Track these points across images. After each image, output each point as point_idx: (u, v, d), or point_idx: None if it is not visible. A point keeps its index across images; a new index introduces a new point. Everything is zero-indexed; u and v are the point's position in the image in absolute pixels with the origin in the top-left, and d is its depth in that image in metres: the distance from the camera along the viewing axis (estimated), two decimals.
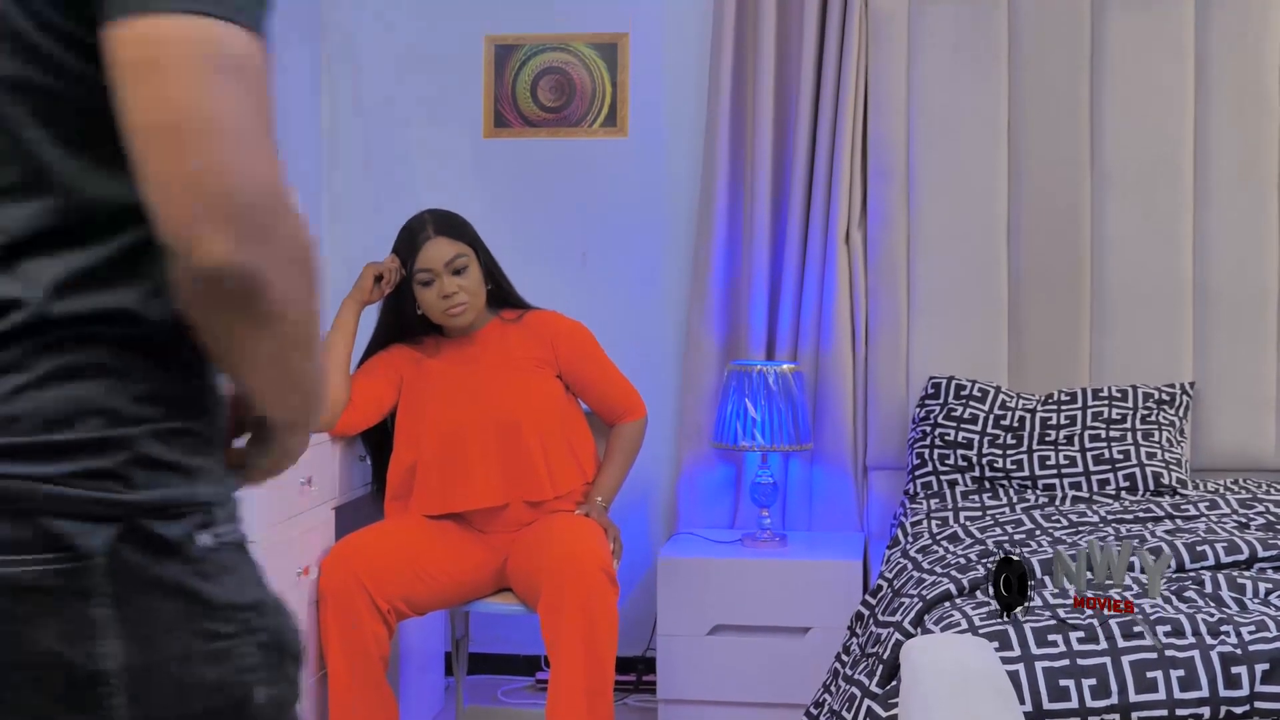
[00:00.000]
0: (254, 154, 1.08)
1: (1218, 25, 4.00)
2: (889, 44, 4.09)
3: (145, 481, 1.13)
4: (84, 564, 1.11)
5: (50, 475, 1.10)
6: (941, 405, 3.94)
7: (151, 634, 1.14)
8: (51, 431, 1.11)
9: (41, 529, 1.10)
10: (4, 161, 1.14)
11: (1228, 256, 4.00)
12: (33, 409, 1.10)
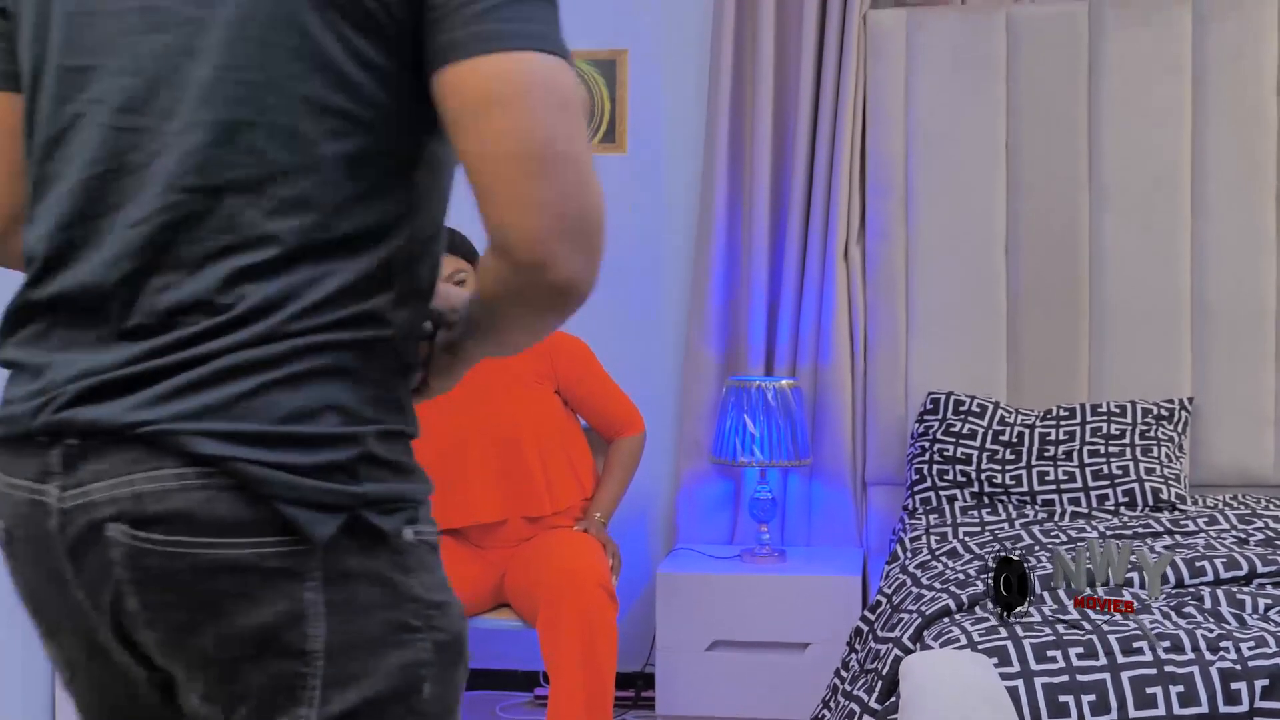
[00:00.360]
0: (591, 179, 1.19)
1: (1215, 41, 4.01)
2: (887, 59, 4.10)
3: (369, 476, 1.22)
4: (306, 549, 1.19)
5: (290, 464, 1.18)
6: (940, 420, 3.94)
7: (351, 618, 1.22)
8: (293, 424, 1.18)
9: (275, 514, 1.17)
10: (294, 175, 1.22)
11: (1226, 272, 4.01)
12: (277, 403, 1.19)
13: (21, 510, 1.24)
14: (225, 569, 1.18)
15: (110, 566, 1.20)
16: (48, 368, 1.24)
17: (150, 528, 1.18)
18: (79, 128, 1.27)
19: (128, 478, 1.18)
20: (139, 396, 1.18)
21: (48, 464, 1.21)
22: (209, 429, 1.17)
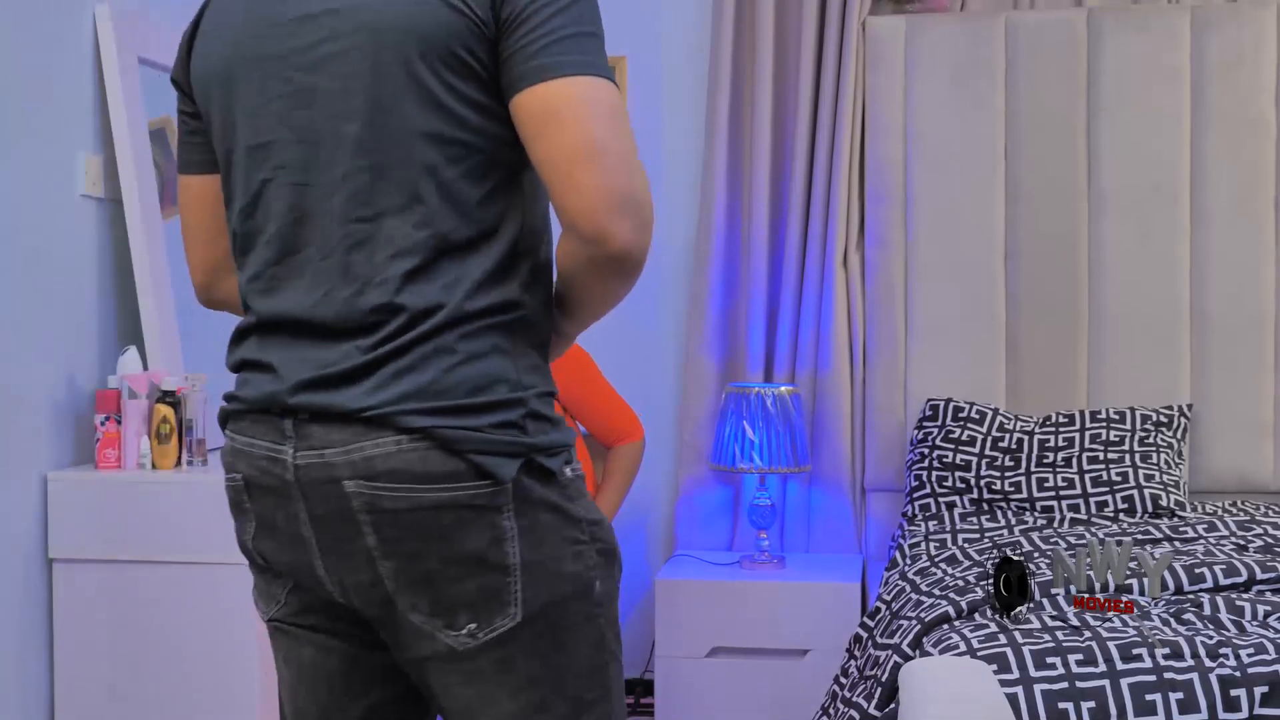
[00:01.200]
0: (636, 167, 1.55)
1: (1213, 50, 4.01)
2: (886, 67, 4.11)
3: (534, 430, 1.59)
4: (499, 488, 1.56)
5: (477, 426, 1.55)
6: (939, 427, 3.94)
7: (537, 538, 1.59)
8: (475, 396, 1.55)
9: (472, 464, 1.54)
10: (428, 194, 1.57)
11: (1224, 280, 4.01)
12: (462, 381, 1.55)
13: (260, 464, 1.62)
14: (442, 507, 1.54)
15: (352, 513, 1.56)
16: (277, 365, 1.61)
17: (379, 481, 1.54)
18: (268, 191, 1.64)
19: (357, 445, 1.55)
20: (360, 387, 1.55)
21: (283, 431, 1.59)
22: (414, 408, 1.54)
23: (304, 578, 1.65)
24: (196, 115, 1.78)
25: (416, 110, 1.57)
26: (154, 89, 3.28)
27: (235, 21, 1.68)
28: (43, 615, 2.92)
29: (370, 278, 1.57)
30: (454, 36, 1.56)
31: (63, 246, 3.01)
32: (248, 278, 1.67)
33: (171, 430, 2.98)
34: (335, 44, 1.59)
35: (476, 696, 1.61)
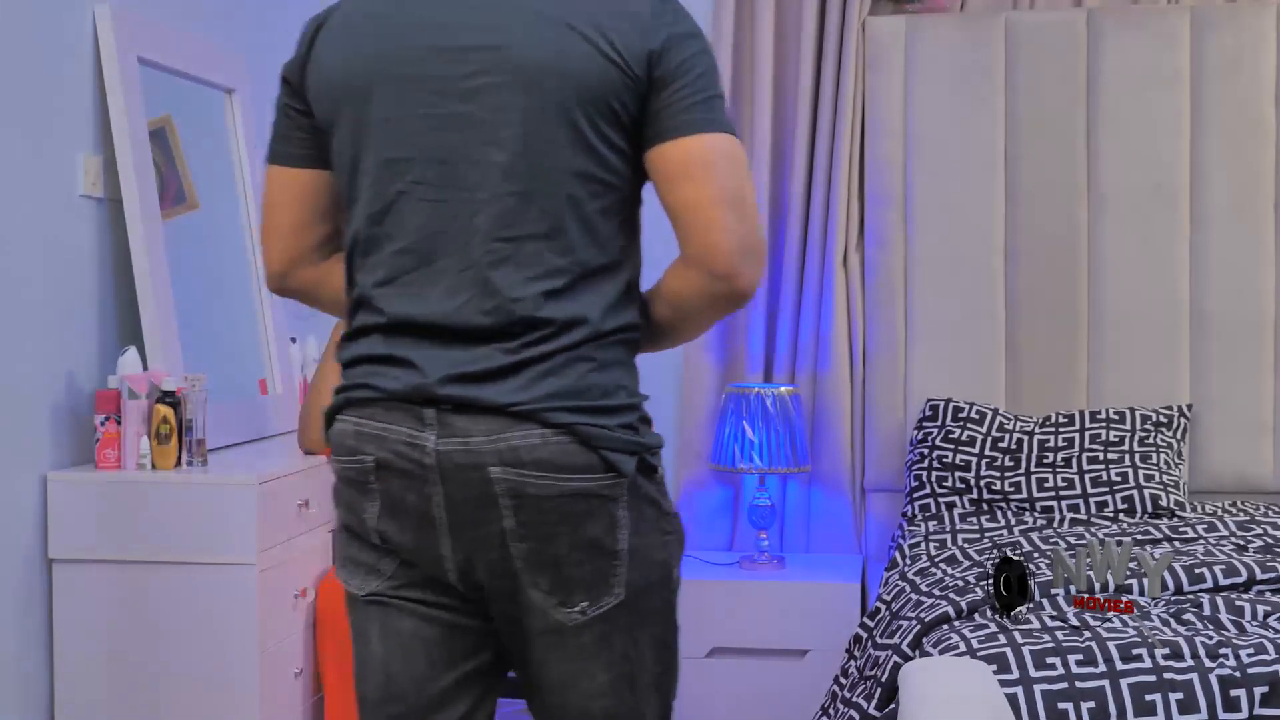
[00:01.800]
0: (757, 215, 1.78)
1: (1213, 51, 4.01)
2: (886, 67, 4.11)
3: (643, 431, 1.80)
4: (620, 480, 1.75)
5: (605, 425, 1.74)
6: (939, 427, 3.94)
7: (639, 528, 1.78)
8: (607, 400, 1.75)
9: (603, 458, 1.74)
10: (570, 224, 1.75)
11: (1224, 280, 4.01)
12: (594, 385, 1.75)
13: (397, 448, 1.75)
14: (575, 496, 1.73)
15: (494, 497, 1.73)
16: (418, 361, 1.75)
17: (526, 469, 1.71)
18: (402, 202, 1.78)
19: (504, 435, 1.71)
20: (506, 385, 1.72)
21: (423, 419, 1.74)
22: (558, 405, 1.72)
23: (423, 556, 1.78)
24: (306, 113, 1.88)
25: (568, 150, 1.75)
26: (154, 89, 3.28)
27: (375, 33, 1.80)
28: (42, 615, 2.92)
29: (511, 293, 1.74)
30: (610, 89, 1.74)
31: (62, 247, 3.01)
32: (376, 280, 1.80)
33: (171, 430, 2.98)
34: (491, 78, 1.75)
35: (574, 669, 1.80)
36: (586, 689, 1.81)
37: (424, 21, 1.78)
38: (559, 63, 1.73)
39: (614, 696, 1.82)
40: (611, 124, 1.76)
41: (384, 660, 1.84)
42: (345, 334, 1.85)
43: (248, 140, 3.69)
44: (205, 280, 3.46)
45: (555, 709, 1.85)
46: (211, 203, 3.58)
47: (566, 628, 1.77)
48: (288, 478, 3.05)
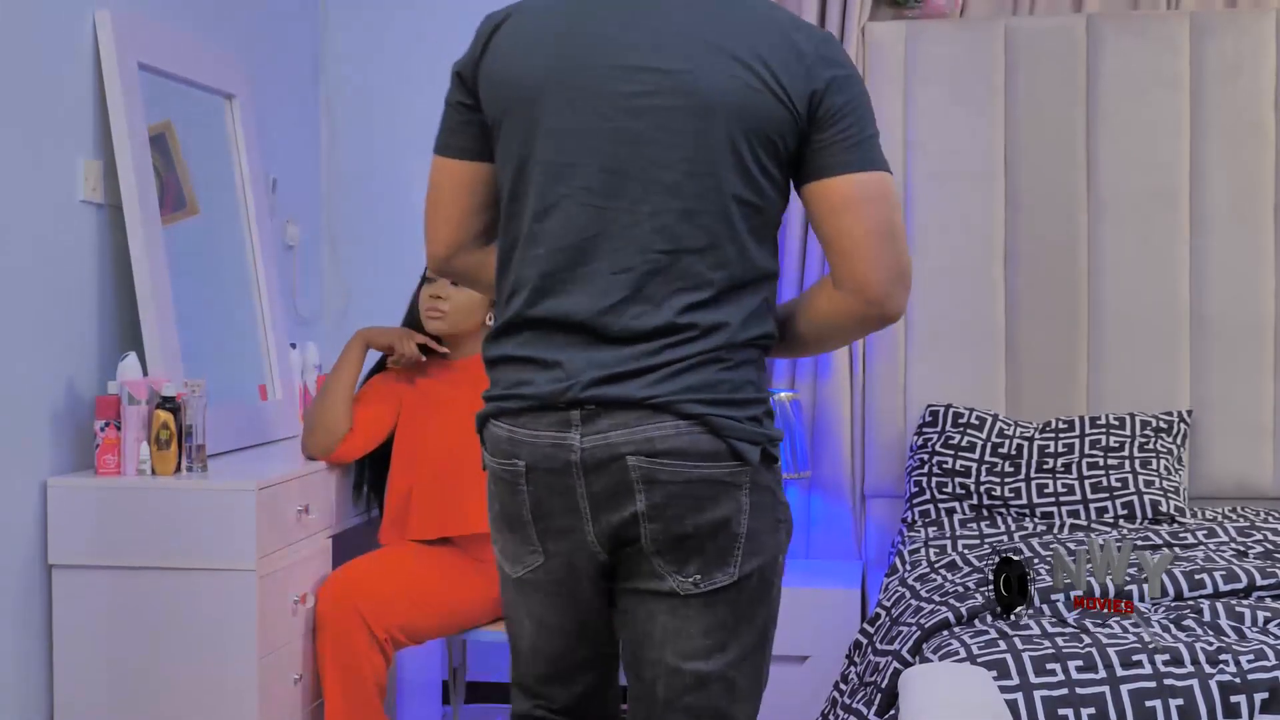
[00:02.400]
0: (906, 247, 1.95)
1: (1213, 56, 4.01)
2: (886, 72, 4.11)
3: (767, 425, 1.96)
4: (745, 468, 1.92)
5: (734, 417, 1.90)
6: (939, 433, 3.94)
7: (758, 513, 1.94)
8: (736, 394, 1.91)
9: (731, 447, 1.90)
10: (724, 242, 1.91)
11: (1224, 285, 4.01)
12: (725, 380, 1.91)
13: (544, 450, 1.92)
14: (704, 481, 1.90)
15: (630, 483, 1.90)
16: (560, 362, 1.91)
17: (659, 458, 1.88)
18: (565, 204, 1.91)
19: (639, 428, 1.88)
20: (643, 380, 1.88)
21: (569, 421, 1.90)
22: (692, 398, 1.88)
23: (569, 539, 1.96)
24: (476, 109, 2.01)
25: (731, 175, 1.90)
26: (154, 94, 3.28)
27: (550, 43, 1.93)
28: (42, 621, 2.92)
29: (662, 301, 1.90)
30: (774, 124, 1.89)
31: (62, 252, 3.01)
32: (532, 275, 1.94)
33: (171, 436, 2.98)
34: (660, 100, 1.89)
35: (674, 627, 1.95)
36: (683, 649, 1.95)
37: (599, 38, 1.91)
38: (730, 94, 1.88)
39: (706, 661, 1.96)
40: (770, 155, 1.91)
41: (535, 635, 2.06)
42: (494, 328, 2.00)
43: (248, 145, 3.69)
44: (205, 286, 3.46)
45: (649, 665, 1.98)
46: (211, 208, 3.58)
47: (678, 595, 1.94)
48: (287, 483, 3.05)
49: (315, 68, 4.42)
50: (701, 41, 1.89)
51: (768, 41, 1.89)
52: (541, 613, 2.04)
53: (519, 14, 1.98)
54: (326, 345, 4.23)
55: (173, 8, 3.47)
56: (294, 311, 4.18)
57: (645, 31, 1.90)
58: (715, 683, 1.97)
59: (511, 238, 1.97)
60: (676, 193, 1.89)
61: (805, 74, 1.90)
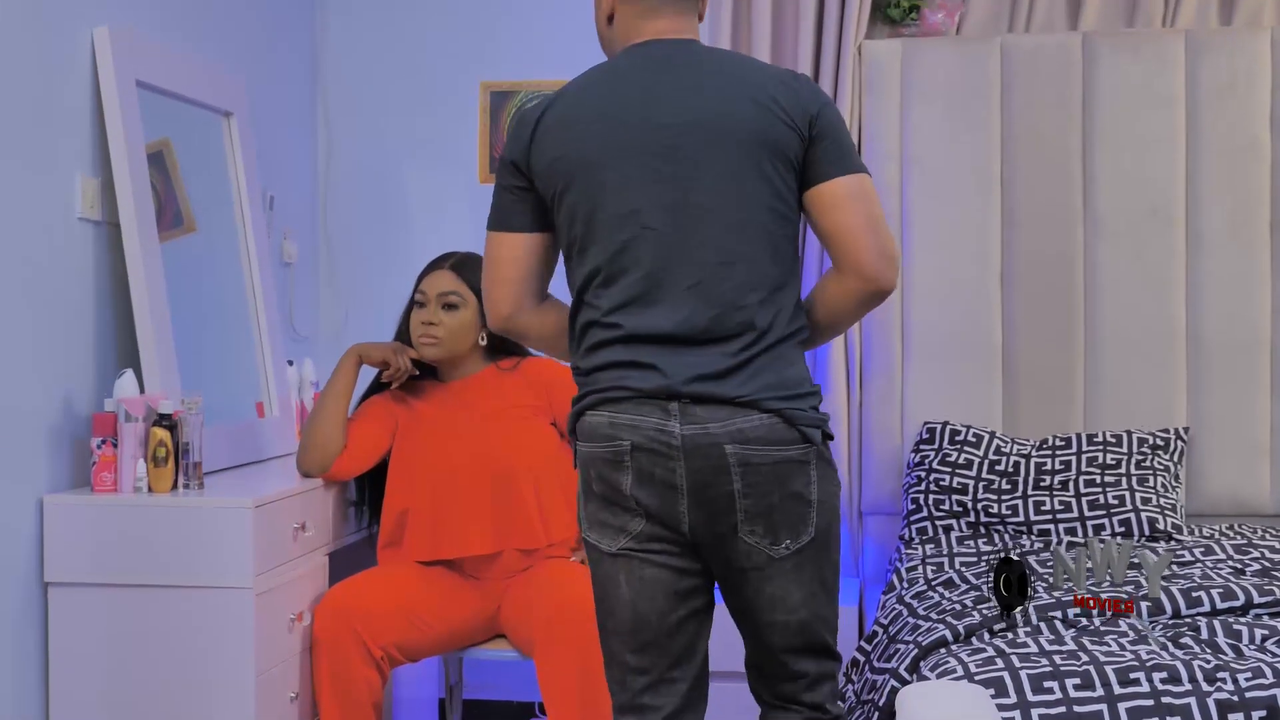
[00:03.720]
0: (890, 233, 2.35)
1: (1208, 74, 4.02)
2: (882, 89, 4.12)
3: (820, 410, 2.34)
4: (811, 448, 2.31)
5: (800, 408, 2.30)
6: (936, 450, 3.94)
7: (823, 483, 2.33)
8: (797, 388, 2.30)
9: (801, 432, 2.29)
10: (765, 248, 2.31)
11: (1220, 303, 4.02)
12: (790, 378, 2.30)
13: (647, 431, 2.28)
14: (785, 462, 2.28)
15: (727, 467, 2.26)
16: (655, 365, 2.28)
17: (752, 445, 2.27)
18: (636, 243, 2.30)
19: (732, 420, 2.26)
20: (733, 381, 2.27)
21: (669, 411, 2.27)
22: (770, 395, 2.27)
23: (666, 513, 2.30)
24: (529, 189, 2.38)
25: (764, 192, 2.30)
26: (152, 112, 3.28)
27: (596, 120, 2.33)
28: (38, 639, 2.92)
29: (732, 302, 2.29)
30: (789, 145, 2.31)
31: (60, 269, 3.01)
32: (615, 304, 2.31)
33: (168, 453, 2.97)
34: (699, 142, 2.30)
35: (780, 591, 2.33)
36: (790, 604, 2.34)
37: (638, 105, 2.32)
38: (752, 128, 2.30)
39: (807, 609, 2.35)
40: (788, 170, 2.32)
41: (632, 600, 2.35)
42: (586, 347, 2.36)
43: (245, 163, 3.70)
44: (202, 303, 3.47)
45: (765, 625, 2.36)
46: (209, 226, 3.58)
47: (774, 560, 2.31)
48: (284, 501, 3.05)
49: (313, 86, 4.43)
50: (721, 91, 2.31)
51: (769, 84, 2.33)
52: (644, 572, 2.34)
53: (559, 102, 2.38)
54: (323, 362, 4.23)
55: (171, 26, 3.48)
56: (291, 328, 4.18)
57: (672, 91, 2.32)
58: (814, 623, 2.37)
59: (587, 277, 2.34)
60: (724, 214, 2.30)
61: (801, 104, 2.32)
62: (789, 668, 2.39)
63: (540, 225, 2.40)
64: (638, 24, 2.42)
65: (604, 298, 2.33)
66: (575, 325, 2.38)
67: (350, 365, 3.38)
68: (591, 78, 2.41)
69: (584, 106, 2.36)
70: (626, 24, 2.44)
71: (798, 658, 2.38)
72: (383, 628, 3.17)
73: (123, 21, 3.21)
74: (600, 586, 2.39)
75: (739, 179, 2.29)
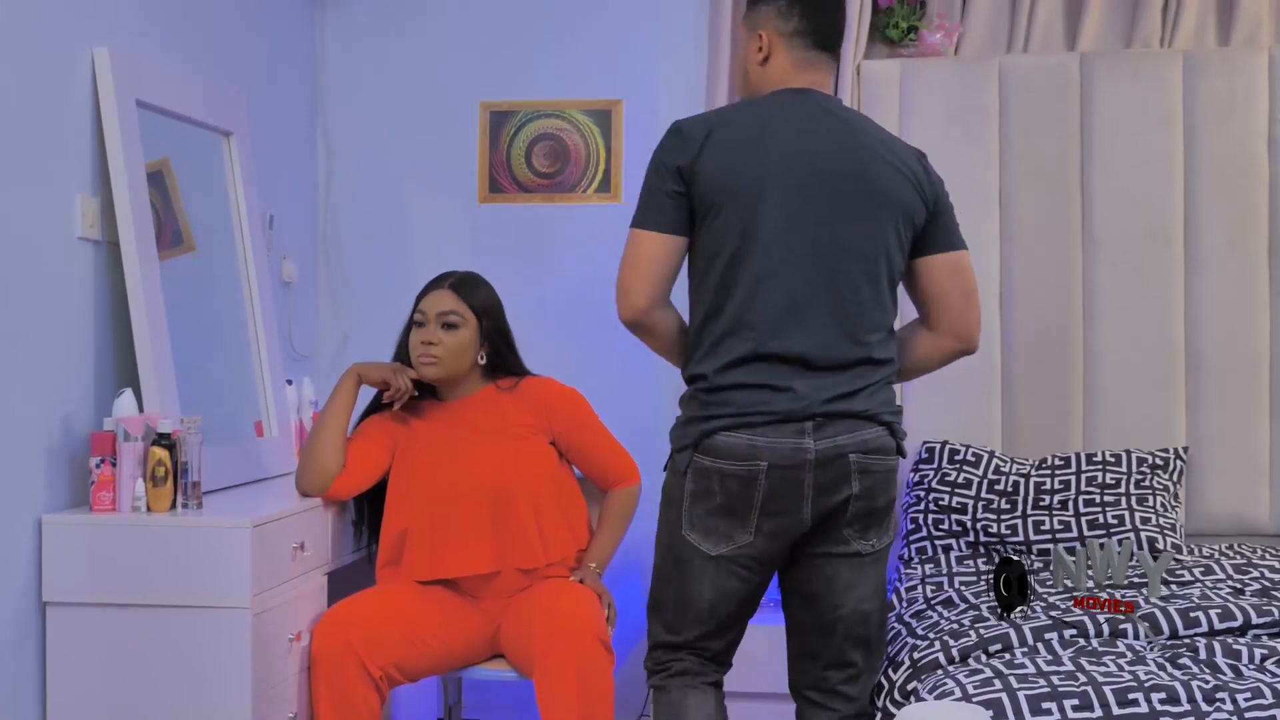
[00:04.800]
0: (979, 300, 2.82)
1: (1205, 95, 4.03)
2: (881, 109, 4.13)
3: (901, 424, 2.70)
4: (898, 459, 2.69)
5: (898, 424, 2.68)
6: (935, 470, 3.94)
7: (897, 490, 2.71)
8: (890, 408, 2.66)
9: (898, 444, 2.68)
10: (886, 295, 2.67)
11: (1219, 323, 4.02)
12: (890, 398, 2.68)
13: (784, 451, 2.56)
14: (889, 470, 2.66)
15: (849, 473, 2.59)
16: (791, 388, 2.57)
17: (870, 454, 2.62)
18: (782, 271, 2.58)
19: (859, 433, 2.60)
20: (858, 399, 2.60)
21: (804, 430, 2.57)
22: (884, 410, 2.64)
23: (790, 517, 2.61)
24: (684, 195, 2.62)
25: (893, 248, 2.65)
26: (152, 131, 3.29)
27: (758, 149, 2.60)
28: (36, 659, 2.91)
29: (856, 337, 2.61)
30: (917, 214, 2.67)
31: (59, 288, 3.01)
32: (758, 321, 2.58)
33: (167, 473, 2.97)
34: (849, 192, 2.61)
35: (856, 580, 2.68)
36: (861, 594, 2.68)
37: (800, 148, 2.61)
38: (897, 192, 2.64)
39: (874, 600, 2.70)
40: (910, 234, 2.67)
41: (711, 601, 2.69)
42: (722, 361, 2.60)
43: (245, 182, 3.70)
44: (202, 322, 3.47)
45: (831, 608, 2.68)
46: (209, 245, 3.59)
47: (862, 555, 2.67)
48: (283, 520, 3.05)
49: (312, 105, 4.44)
50: (876, 155, 2.64)
51: (908, 158, 2.69)
52: (729, 583, 2.67)
53: (724, 124, 2.63)
54: (322, 381, 4.23)
55: (171, 45, 3.49)
56: (290, 348, 4.19)
57: (830, 141, 2.63)
58: (875, 614, 2.70)
59: (728, 292, 2.60)
60: (861, 260, 2.61)
61: (931, 182, 2.71)
62: (844, 656, 2.70)
63: (686, 229, 2.64)
64: (795, 71, 2.70)
65: (747, 314, 2.58)
66: (708, 335, 2.62)
67: (349, 385, 3.38)
68: (753, 111, 2.66)
69: (751, 134, 2.61)
70: (783, 69, 2.71)
71: (854, 647, 2.70)
72: (382, 647, 3.16)
73: (123, 42, 3.22)
74: (683, 576, 2.69)
75: (877, 232, 2.61)
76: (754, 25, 2.75)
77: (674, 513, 2.68)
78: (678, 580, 2.71)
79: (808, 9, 2.70)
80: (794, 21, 2.70)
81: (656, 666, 2.81)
